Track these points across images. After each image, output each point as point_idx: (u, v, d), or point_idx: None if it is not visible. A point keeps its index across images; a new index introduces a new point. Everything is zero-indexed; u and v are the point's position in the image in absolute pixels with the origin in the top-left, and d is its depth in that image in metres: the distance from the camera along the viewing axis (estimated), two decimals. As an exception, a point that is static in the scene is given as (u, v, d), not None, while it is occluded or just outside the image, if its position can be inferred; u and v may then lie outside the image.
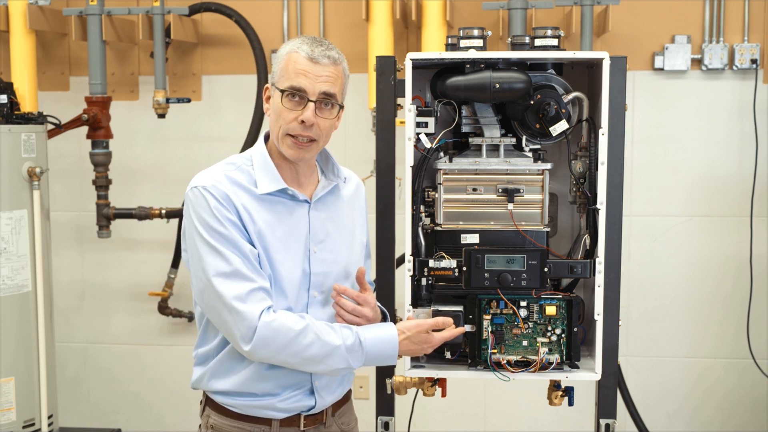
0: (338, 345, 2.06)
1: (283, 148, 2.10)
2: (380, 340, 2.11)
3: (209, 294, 2.05)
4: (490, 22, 3.98)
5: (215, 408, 2.19)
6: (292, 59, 2.07)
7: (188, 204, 2.09)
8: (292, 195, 2.14)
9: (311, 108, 2.06)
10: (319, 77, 2.07)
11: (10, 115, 3.60)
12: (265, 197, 2.11)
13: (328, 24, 4.13)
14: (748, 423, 4.11)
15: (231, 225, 2.04)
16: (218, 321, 2.07)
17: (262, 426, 2.16)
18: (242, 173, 2.12)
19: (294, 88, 2.06)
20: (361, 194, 2.34)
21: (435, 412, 4.21)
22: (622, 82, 2.40)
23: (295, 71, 2.06)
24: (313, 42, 2.09)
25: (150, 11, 3.94)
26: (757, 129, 3.94)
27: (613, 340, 2.45)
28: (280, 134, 2.09)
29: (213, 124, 4.22)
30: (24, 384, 3.57)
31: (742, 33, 3.95)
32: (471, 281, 2.35)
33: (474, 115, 2.47)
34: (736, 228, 4.02)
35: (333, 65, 2.09)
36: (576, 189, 2.46)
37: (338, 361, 2.07)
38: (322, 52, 2.08)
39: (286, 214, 2.13)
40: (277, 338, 2.02)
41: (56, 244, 4.16)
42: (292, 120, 2.07)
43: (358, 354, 2.08)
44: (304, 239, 2.15)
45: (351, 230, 2.26)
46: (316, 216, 2.18)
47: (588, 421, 2.97)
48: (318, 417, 2.22)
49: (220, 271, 2.03)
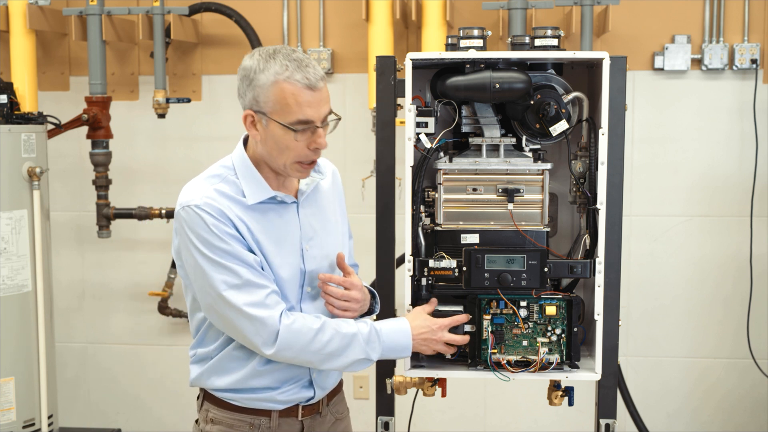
0: (355, 333, 2.12)
1: (291, 173, 2.12)
2: (395, 329, 2.19)
3: (221, 307, 2.06)
4: (490, 22, 3.98)
5: (214, 402, 2.21)
6: (288, 92, 2.01)
7: (182, 224, 2.07)
8: (281, 201, 2.15)
9: (323, 135, 2.07)
10: (321, 102, 2.05)
11: (10, 115, 3.60)
12: (255, 206, 2.11)
13: (328, 24, 4.13)
14: (748, 423, 4.11)
15: (231, 239, 2.05)
16: (233, 330, 2.09)
17: (261, 417, 2.18)
18: (228, 185, 2.10)
19: (302, 122, 2.04)
20: (337, 181, 2.37)
21: (435, 412, 4.21)
22: (622, 82, 2.39)
23: (298, 104, 2.02)
24: (298, 65, 2.02)
25: (150, 11, 3.94)
26: (757, 129, 3.94)
27: (613, 340, 2.45)
28: (288, 162, 2.09)
29: (213, 124, 4.23)
30: (24, 384, 3.57)
31: (742, 33, 3.95)
32: (471, 281, 2.34)
33: (474, 115, 2.46)
34: (736, 228, 4.02)
35: (323, 80, 2.07)
36: (576, 189, 2.46)
37: (357, 352, 2.12)
38: (314, 74, 2.02)
39: (278, 218, 2.15)
40: (299, 338, 2.07)
41: (56, 244, 4.16)
42: (303, 149, 2.07)
43: (375, 344, 2.15)
44: (297, 239, 2.17)
45: (335, 221, 2.30)
46: (303, 214, 2.21)
47: (588, 421, 2.97)
48: (314, 407, 2.26)
49: (230, 284, 2.04)
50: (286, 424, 2.21)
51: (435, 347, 2.26)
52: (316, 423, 2.27)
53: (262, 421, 2.18)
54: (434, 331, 2.25)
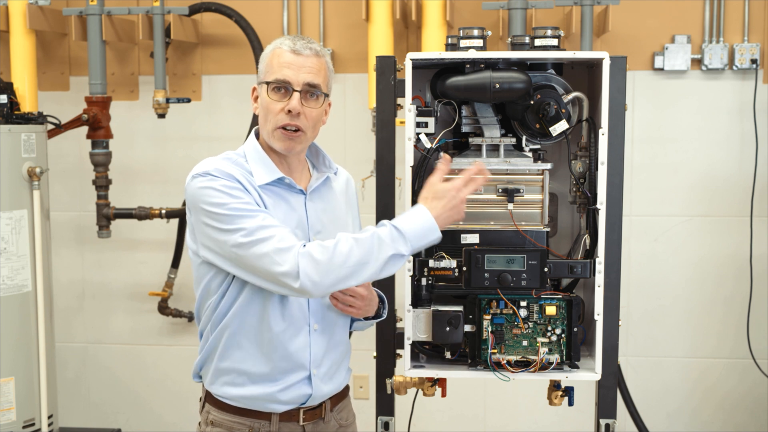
0: (372, 234, 2.04)
1: (274, 142, 2.14)
2: (412, 217, 2.08)
3: (241, 251, 2.03)
4: (490, 22, 3.98)
5: (215, 404, 2.20)
6: (275, 54, 2.13)
7: (193, 190, 2.09)
8: (289, 184, 2.17)
9: (297, 97, 2.10)
10: (302, 68, 2.11)
11: (10, 115, 3.60)
12: (262, 188, 2.13)
13: (328, 24, 4.13)
14: (748, 423, 4.11)
15: (243, 193, 2.07)
16: (255, 273, 2.04)
17: (261, 420, 2.17)
18: (237, 167, 2.13)
19: (279, 81, 2.11)
20: (351, 188, 2.37)
21: (435, 412, 4.21)
22: (622, 82, 2.40)
23: (279, 64, 2.12)
24: (295, 37, 2.16)
25: (150, 11, 3.94)
26: (757, 129, 3.94)
27: (613, 340, 2.45)
28: (270, 129, 2.13)
29: (213, 124, 4.23)
30: (24, 384, 3.57)
31: (742, 33, 3.95)
32: (471, 281, 2.35)
33: (474, 115, 2.47)
34: (736, 228, 4.02)
35: (315, 57, 2.14)
36: (576, 189, 2.46)
37: (385, 250, 2.03)
38: (304, 45, 2.13)
39: (285, 203, 2.16)
40: (319, 259, 2.01)
41: (56, 244, 4.16)
42: (280, 111, 2.11)
43: (398, 238, 2.04)
44: (302, 227, 2.18)
45: (345, 223, 2.30)
46: (312, 207, 2.21)
47: (588, 421, 2.97)
48: (317, 412, 2.23)
49: (247, 228, 2.02)
50: (286, 429, 2.19)
51: (463, 209, 2.13)
52: (319, 429, 2.24)
53: (262, 425, 2.17)
54: (454, 197, 2.11)
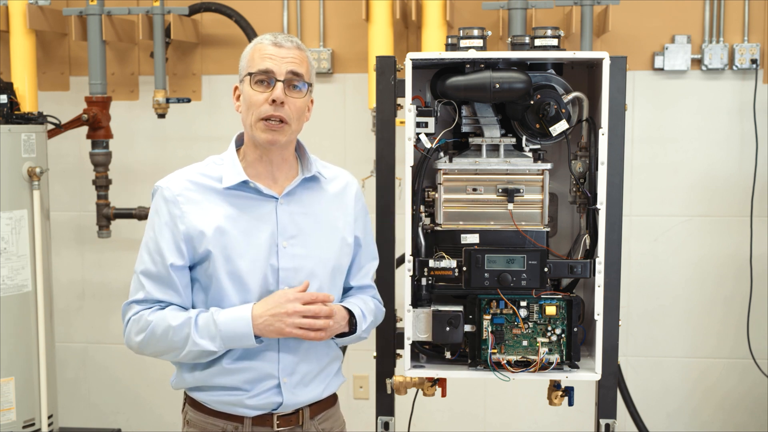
0: (189, 317, 2.09)
1: (257, 134, 2.12)
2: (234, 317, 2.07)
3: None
4: (490, 22, 3.98)
5: (192, 404, 2.22)
6: (257, 49, 2.15)
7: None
8: (255, 188, 2.15)
9: (280, 87, 2.10)
10: (284, 59, 2.12)
11: (10, 115, 3.60)
12: (228, 192, 2.14)
13: (328, 24, 4.13)
14: (748, 423, 4.12)
15: (166, 230, 2.12)
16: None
17: (234, 423, 2.16)
18: (210, 169, 2.18)
19: (262, 71, 2.11)
20: (349, 193, 2.28)
21: (435, 412, 4.21)
22: (622, 82, 2.40)
23: (261, 57, 2.12)
24: (275, 33, 2.18)
25: (150, 11, 3.94)
26: (757, 129, 3.94)
27: (613, 340, 2.46)
28: (253, 121, 2.12)
29: (213, 124, 4.23)
30: (24, 384, 3.57)
31: (742, 33, 3.95)
32: (471, 281, 2.35)
33: (474, 115, 2.47)
34: (736, 228, 4.02)
35: (297, 49, 2.15)
36: (576, 189, 2.46)
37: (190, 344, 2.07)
38: (285, 38, 2.16)
39: (250, 208, 2.15)
40: (136, 339, 2.14)
41: (56, 244, 4.16)
42: (263, 102, 2.10)
43: (212, 333, 2.06)
44: (270, 234, 2.14)
45: (332, 227, 2.22)
46: (286, 211, 2.17)
47: (588, 421, 2.97)
48: (292, 418, 2.20)
49: (141, 268, 2.16)
50: None
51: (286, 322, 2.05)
52: None
53: (235, 427, 2.16)
54: (282, 304, 2.05)
